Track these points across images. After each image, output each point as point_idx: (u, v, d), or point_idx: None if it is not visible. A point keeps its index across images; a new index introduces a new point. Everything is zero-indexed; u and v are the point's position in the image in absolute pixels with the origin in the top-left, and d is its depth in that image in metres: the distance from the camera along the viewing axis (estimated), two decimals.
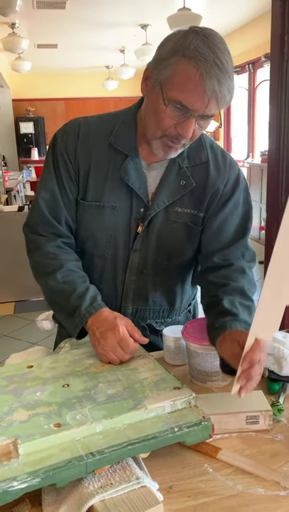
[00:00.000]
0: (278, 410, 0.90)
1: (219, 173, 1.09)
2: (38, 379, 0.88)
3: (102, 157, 1.05)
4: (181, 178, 1.06)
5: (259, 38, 5.79)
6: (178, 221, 1.08)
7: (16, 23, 5.46)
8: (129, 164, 1.04)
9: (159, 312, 1.19)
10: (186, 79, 0.87)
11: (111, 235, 1.08)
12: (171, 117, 0.92)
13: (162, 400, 0.78)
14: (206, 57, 0.86)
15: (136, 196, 1.06)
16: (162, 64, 0.90)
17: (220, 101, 0.90)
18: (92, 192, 1.06)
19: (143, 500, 0.65)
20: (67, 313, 1.00)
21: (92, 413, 0.76)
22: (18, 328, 3.54)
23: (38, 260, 1.07)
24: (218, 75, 0.86)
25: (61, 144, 1.07)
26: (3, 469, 0.64)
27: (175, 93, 0.89)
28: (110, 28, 6.14)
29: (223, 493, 0.71)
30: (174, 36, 0.91)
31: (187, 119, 0.92)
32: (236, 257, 1.09)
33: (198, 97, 0.88)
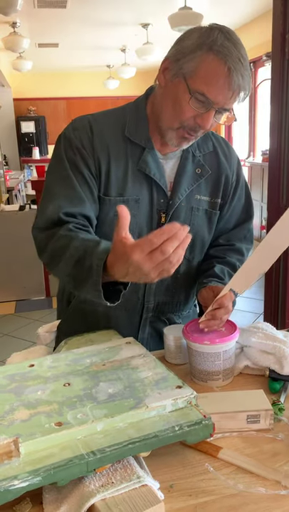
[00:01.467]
0: (279, 409, 0.90)
1: (227, 161, 1.15)
2: (39, 378, 0.88)
3: (119, 151, 1.05)
4: (197, 166, 1.11)
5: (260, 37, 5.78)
6: (199, 208, 1.13)
7: (17, 23, 5.46)
8: (148, 155, 1.05)
9: (177, 305, 1.21)
10: (213, 72, 0.91)
11: (135, 228, 1.07)
12: (193, 109, 0.95)
13: (163, 399, 0.78)
14: (231, 52, 0.90)
15: (156, 187, 1.07)
16: (187, 57, 0.93)
17: (241, 95, 0.95)
18: (115, 187, 1.05)
19: (144, 499, 0.65)
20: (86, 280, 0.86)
21: (93, 412, 0.76)
22: (18, 327, 3.55)
23: (51, 248, 0.97)
24: (242, 71, 0.92)
25: (76, 140, 1.04)
26: (4, 468, 0.65)
27: (200, 85, 0.93)
28: (111, 27, 6.14)
29: (224, 492, 0.71)
30: (197, 31, 0.94)
31: (207, 111, 0.95)
32: (238, 239, 1.20)
33: (222, 90, 0.92)
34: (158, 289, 1.15)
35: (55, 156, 1.07)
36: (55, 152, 1.07)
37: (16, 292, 4.10)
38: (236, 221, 1.21)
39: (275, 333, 1.08)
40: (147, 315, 1.17)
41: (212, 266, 1.14)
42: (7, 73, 8.23)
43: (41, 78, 9.36)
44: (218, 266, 1.13)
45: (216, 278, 1.10)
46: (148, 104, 1.08)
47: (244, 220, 1.22)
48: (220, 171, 1.14)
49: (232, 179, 1.17)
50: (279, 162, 2.47)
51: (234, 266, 1.15)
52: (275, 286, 2.63)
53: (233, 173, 1.17)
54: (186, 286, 1.20)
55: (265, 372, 1.02)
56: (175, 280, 1.16)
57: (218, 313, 0.97)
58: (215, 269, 1.12)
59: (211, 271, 1.12)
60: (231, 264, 1.15)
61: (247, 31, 6.30)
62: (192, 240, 1.03)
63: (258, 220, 5.70)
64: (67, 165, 1.03)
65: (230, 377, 1.03)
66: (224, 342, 0.99)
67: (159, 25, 5.78)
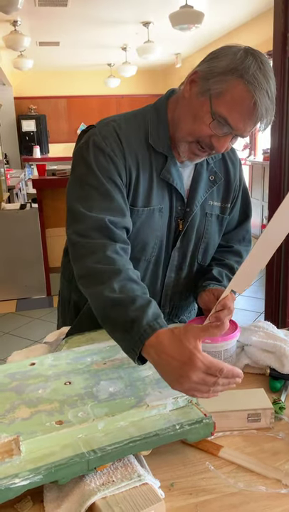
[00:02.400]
0: (280, 408, 0.90)
1: (234, 166, 1.18)
2: (39, 376, 0.89)
3: (145, 160, 1.04)
4: (210, 173, 1.13)
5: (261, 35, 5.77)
6: (212, 214, 1.15)
7: (18, 21, 5.45)
8: (170, 164, 1.05)
9: (188, 308, 1.23)
10: (239, 101, 0.91)
11: (158, 236, 1.08)
12: (207, 131, 0.96)
13: (164, 398, 0.78)
14: (261, 85, 0.90)
15: (176, 195, 1.08)
16: (217, 77, 0.92)
17: (263, 126, 0.95)
18: (142, 197, 1.04)
19: (144, 497, 0.65)
20: (124, 329, 0.82)
21: (93, 410, 0.76)
22: (19, 325, 3.55)
23: (92, 267, 0.91)
24: (268, 104, 0.92)
25: (108, 149, 1.00)
26: (5, 466, 0.65)
27: (224, 110, 0.93)
28: (112, 26, 6.12)
29: (225, 490, 0.71)
30: (231, 52, 0.93)
31: (225, 136, 0.96)
32: (237, 240, 1.23)
33: (244, 120, 0.93)
34: (173, 293, 1.17)
35: (85, 165, 1.01)
36: (84, 159, 1.01)
37: (16, 291, 4.10)
38: (237, 222, 1.24)
39: (275, 332, 1.08)
40: None
41: (210, 269, 1.16)
42: (8, 72, 8.22)
43: (42, 77, 9.35)
44: (216, 269, 1.15)
45: (215, 281, 1.12)
46: (169, 109, 1.07)
47: (243, 220, 1.24)
48: (229, 176, 1.16)
49: (238, 183, 1.19)
50: (280, 161, 2.47)
51: (232, 268, 1.18)
52: (276, 285, 2.63)
53: (239, 178, 1.19)
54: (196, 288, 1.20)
55: (265, 371, 1.02)
56: (188, 284, 1.18)
57: (222, 314, 0.95)
58: (213, 271, 1.14)
59: (210, 274, 1.14)
60: (229, 266, 1.18)
61: (248, 30, 6.29)
62: (206, 244, 1.15)
63: (258, 219, 5.69)
64: (101, 175, 0.99)
65: None
66: (225, 340, 0.99)
67: (160, 24, 5.77)
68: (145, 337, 0.78)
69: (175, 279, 1.15)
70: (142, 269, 1.10)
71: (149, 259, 1.10)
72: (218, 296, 1.02)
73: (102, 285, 0.87)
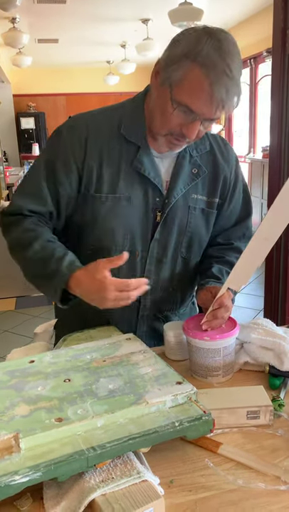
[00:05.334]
0: (279, 405, 0.90)
1: (225, 160, 1.15)
2: (39, 374, 0.89)
3: (114, 149, 1.05)
4: (193, 166, 1.10)
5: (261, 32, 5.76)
6: (196, 207, 1.13)
7: (16, 18, 5.43)
8: (143, 155, 1.05)
9: (174, 303, 1.21)
10: (195, 86, 0.89)
11: (128, 227, 1.08)
12: (177, 119, 0.95)
13: (163, 395, 0.78)
14: (216, 65, 0.87)
15: (151, 186, 1.07)
16: (173, 65, 0.91)
17: (227, 108, 0.92)
18: (107, 185, 1.06)
19: (144, 494, 0.65)
20: (49, 279, 0.97)
21: (93, 408, 0.76)
22: (19, 323, 3.55)
23: (15, 236, 1.05)
24: (227, 84, 0.88)
25: (66, 139, 1.05)
26: (4, 463, 0.65)
27: (183, 97, 0.91)
28: (111, 23, 6.11)
29: (224, 487, 0.71)
30: (186, 36, 0.91)
31: (193, 122, 0.95)
32: (237, 237, 1.22)
33: (206, 104, 0.91)
34: (154, 287, 1.14)
35: (45, 148, 1.12)
36: (47, 144, 1.11)
37: (16, 289, 4.10)
38: (236, 219, 1.22)
39: (275, 329, 1.08)
40: (144, 313, 1.17)
41: (210, 266, 1.15)
42: (6, 69, 8.20)
43: (41, 74, 9.33)
44: (216, 266, 1.14)
45: (214, 278, 1.11)
46: (145, 104, 1.07)
47: (244, 217, 1.23)
48: (217, 170, 1.14)
49: (230, 178, 1.17)
50: (279, 158, 2.46)
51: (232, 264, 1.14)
52: (275, 282, 2.64)
53: (231, 172, 1.17)
54: (183, 285, 1.20)
55: (265, 368, 1.02)
56: (171, 279, 1.16)
57: (219, 312, 0.99)
58: (213, 269, 1.13)
59: (209, 271, 1.13)
60: (230, 263, 1.15)
61: (247, 27, 6.27)
62: (189, 238, 1.13)
63: (258, 216, 5.69)
64: (43, 162, 1.07)
65: (230, 373, 1.03)
66: (224, 338, 0.99)
67: (160, 21, 5.75)
68: (65, 280, 0.94)
69: (155, 273, 1.13)
70: None
71: (121, 249, 1.08)
72: (215, 294, 1.02)
73: (25, 249, 1.01)
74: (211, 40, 0.88)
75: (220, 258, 1.18)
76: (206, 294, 1.06)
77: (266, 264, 2.70)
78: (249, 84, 6.71)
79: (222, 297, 0.99)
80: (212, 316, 0.99)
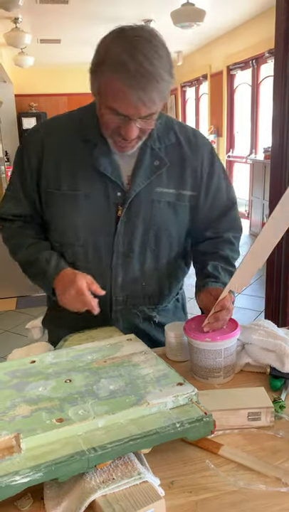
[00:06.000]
0: (280, 407, 0.90)
1: (192, 151, 1.14)
2: (40, 374, 0.89)
3: (72, 149, 1.09)
4: (155, 158, 1.10)
5: (263, 33, 5.76)
6: (161, 200, 1.12)
7: (18, 18, 5.44)
8: (99, 152, 1.08)
9: (150, 298, 1.20)
10: (114, 90, 0.91)
11: (89, 222, 1.10)
12: (113, 122, 0.98)
13: (164, 396, 0.78)
14: (127, 66, 0.88)
15: (110, 181, 1.09)
16: (94, 74, 0.96)
17: (151, 106, 0.93)
18: (65, 182, 1.10)
19: (145, 495, 0.65)
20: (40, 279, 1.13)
21: (94, 408, 0.76)
22: (20, 323, 3.55)
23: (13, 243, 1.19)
24: (142, 83, 0.89)
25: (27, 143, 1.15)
26: (5, 464, 0.65)
27: (109, 102, 0.94)
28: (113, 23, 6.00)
29: (225, 488, 0.71)
30: (100, 44, 0.94)
31: (127, 123, 0.96)
32: (225, 230, 1.20)
33: (128, 106, 0.92)
34: (124, 281, 1.15)
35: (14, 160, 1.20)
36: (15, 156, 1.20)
37: (17, 289, 4.10)
38: (220, 211, 1.20)
39: (276, 330, 1.08)
40: (117, 308, 1.18)
41: (205, 265, 1.14)
42: (8, 69, 8.21)
43: (43, 74, 9.34)
44: (210, 264, 1.13)
45: (211, 277, 1.10)
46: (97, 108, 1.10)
47: (227, 207, 1.21)
48: (184, 162, 1.13)
49: (201, 169, 1.15)
50: (281, 159, 2.46)
51: (227, 258, 1.16)
52: (277, 283, 2.63)
53: (202, 163, 1.15)
54: (155, 279, 1.19)
55: (266, 369, 1.02)
56: (142, 273, 1.16)
57: (221, 315, 1.00)
58: (208, 267, 1.12)
59: (205, 270, 1.12)
60: (224, 257, 1.15)
61: (250, 27, 6.27)
62: (156, 232, 1.13)
63: (259, 217, 5.69)
64: (16, 170, 1.17)
65: (231, 374, 1.03)
66: (225, 339, 0.99)
67: (162, 22, 5.75)
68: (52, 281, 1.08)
69: (123, 266, 1.14)
70: (82, 255, 1.13)
71: (83, 244, 1.12)
72: (216, 296, 1.02)
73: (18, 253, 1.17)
74: (120, 43, 0.90)
75: (213, 253, 1.16)
76: (207, 296, 1.06)
77: (267, 265, 2.70)
78: (251, 85, 6.71)
79: (224, 299, 1.00)
80: (214, 319, 1.00)
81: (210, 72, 7.92)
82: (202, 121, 8.82)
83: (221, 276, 1.11)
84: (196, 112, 9.09)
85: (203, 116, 8.78)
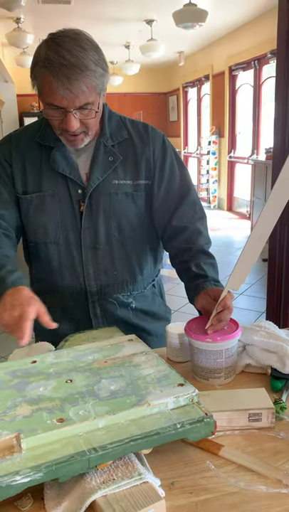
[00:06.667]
0: (281, 408, 0.90)
1: (144, 143, 1.22)
2: (41, 374, 0.89)
3: (33, 155, 1.19)
4: (109, 155, 1.19)
5: (265, 34, 5.76)
6: (118, 192, 1.20)
7: (21, 18, 5.46)
8: (56, 154, 1.16)
9: (123, 286, 1.26)
10: (46, 84, 1.01)
11: (57, 219, 1.18)
12: (53, 117, 1.07)
13: (165, 397, 0.78)
14: (52, 61, 0.99)
15: (70, 180, 1.18)
16: (31, 76, 1.06)
17: (79, 93, 1.01)
18: (31, 186, 1.18)
19: (145, 496, 0.65)
20: None
21: (95, 409, 0.76)
22: None
23: None
24: (66, 72, 0.99)
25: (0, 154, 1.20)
26: (5, 463, 0.65)
27: (45, 97, 1.04)
28: (115, 24, 6.12)
29: (225, 490, 0.71)
30: (36, 49, 1.06)
31: (66, 116, 1.05)
32: (190, 217, 1.24)
33: (58, 96, 1.01)
34: (96, 273, 1.22)
35: None
36: None
37: None
38: (177, 196, 1.24)
39: (277, 331, 1.08)
40: (93, 298, 1.24)
41: (188, 265, 1.17)
42: (10, 69, 8.22)
43: None
44: (192, 263, 1.17)
45: (200, 278, 1.13)
46: None
47: (185, 192, 1.25)
48: (136, 154, 1.21)
49: (154, 159, 1.22)
50: (283, 160, 2.46)
51: (203, 251, 1.20)
52: (278, 284, 2.63)
53: (154, 153, 1.22)
54: (126, 266, 1.25)
55: (267, 370, 1.02)
56: (111, 262, 1.23)
57: (223, 315, 1.01)
58: (192, 268, 1.15)
59: (190, 272, 1.16)
60: (201, 251, 1.20)
61: (252, 28, 6.27)
62: (118, 222, 1.21)
63: None
64: None
65: (232, 375, 1.03)
66: (226, 340, 0.99)
67: (164, 22, 5.76)
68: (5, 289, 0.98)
69: (92, 259, 1.21)
70: (54, 251, 1.21)
71: (56, 241, 1.20)
72: (214, 297, 1.04)
73: None
74: (48, 44, 1.02)
75: (189, 250, 1.20)
76: (206, 297, 1.07)
77: (269, 266, 2.70)
78: (253, 85, 6.71)
79: (225, 299, 1.01)
80: (216, 320, 1.01)
81: (212, 72, 7.92)
82: (204, 122, 8.83)
83: (207, 272, 1.14)
84: (198, 112, 9.09)
85: (205, 116, 8.78)
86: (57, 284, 1.23)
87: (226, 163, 7.71)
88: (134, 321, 1.29)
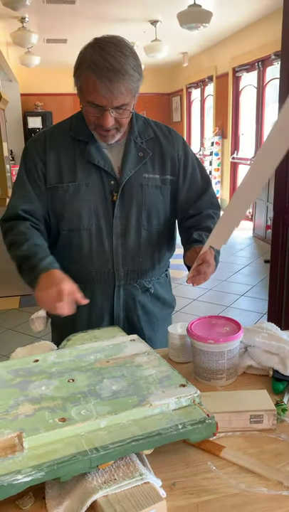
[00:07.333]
0: (282, 410, 0.90)
1: (169, 142, 1.35)
2: (43, 373, 0.89)
3: (68, 148, 1.28)
4: (139, 150, 1.30)
5: (269, 35, 5.75)
6: (149, 184, 1.31)
7: (25, 18, 5.45)
8: (91, 147, 1.26)
9: (145, 272, 1.36)
10: (89, 84, 1.13)
11: (91, 207, 1.27)
12: (91, 114, 1.18)
13: (167, 397, 0.78)
14: (97, 64, 1.10)
15: (104, 172, 1.27)
16: (75, 75, 1.18)
17: (118, 95, 1.12)
18: (66, 176, 1.27)
19: (146, 496, 0.65)
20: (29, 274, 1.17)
21: (96, 408, 0.76)
22: (23, 322, 3.56)
23: (11, 238, 1.25)
24: (109, 75, 1.10)
25: (32, 149, 1.30)
26: (7, 462, 0.65)
27: (87, 96, 1.15)
28: (120, 24, 6.12)
29: (226, 491, 0.71)
30: (82, 50, 1.18)
31: (103, 113, 1.16)
32: (206, 207, 1.39)
33: (99, 96, 1.12)
34: (124, 259, 1.31)
35: (20, 161, 1.33)
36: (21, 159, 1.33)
37: (20, 287, 4.10)
38: (199, 191, 1.39)
39: (279, 333, 1.08)
40: (120, 283, 1.33)
41: (191, 234, 1.32)
42: (15, 68, 8.23)
43: (49, 74, 9.35)
44: (195, 232, 1.31)
45: (197, 242, 1.27)
46: None
47: (205, 188, 1.40)
48: (163, 152, 1.33)
49: (178, 157, 1.35)
50: (286, 162, 2.46)
51: (209, 228, 1.31)
52: (280, 286, 2.63)
53: (177, 152, 1.35)
54: (150, 254, 1.35)
55: (268, 372, 1.02)
56: (138, 249, 1.32)
57: (202, 267, 1.15)
58: (194, 235, 1.30)
59: (191, 238, 1.30)
60: (206, 227, 1.32)
61: (256, 29, 6.27)
62: (148, 212, 1.33)
63: (263, 219, 5.68)
64: (23, 171, 1.30)
65: (234, 376, 1.03)
66: (228, 341, 0.99)
67: (168, 23, 5.76)
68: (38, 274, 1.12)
69: (122, 246, 1.30)
70: (87, 239, 1.29)
71: (88, 228, 1.28)
72: (198, 252, 1.18)
73: (17, 249, 1.21)
74: (94, 48, 1.13)
75: (196, 226, 1.34)
76: (192, 253, 1.23)
77: (271, 267, 2.69)
78: (256, 87, 6.70)
79: (205, 253, 1.15)
80: (196, 271, 1.15)
81: (216, 73, 7.92)
82: (207, 123, 8.82)
83: (204, 240, 1.25)
84: (201, 113, 9.08)
85: (208, 117, 8.78)
86: (86, 269, 1.31)
87: (228, 165, 7.70)
88: (150, 306, 1.38)
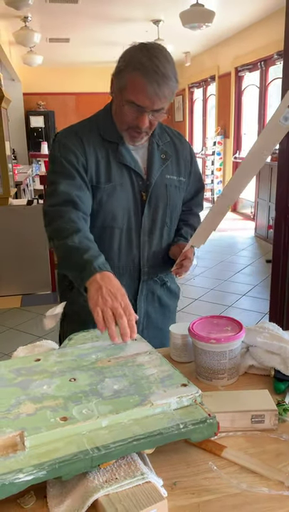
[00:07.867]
0: (284, 410, 0.90)
1: (181, 147, 1.44)
2: (45, 372, 0.89)
3: (101, 149, 1.30)
4: (161, 152, 1.38)
5: (272, 35, 5.74)
6: (171, 184, 1.39)
7: (28, 17, 5.46)
8: (122, 149, 1.30)
9: (164, 266, 1.43)
10: (135, 85, 1.17)
11: (124, 207, 1.32)
12: (130, 114, 1.21)
13: (168, 397, 0.79)
14: (147, 67, 1.14)
15: (134, 172, 1.32)
16: (120, 74, 1.21)
17: (162, 98, 1.17)
18: (103, 177, 1.30)
19: (147, 495, 0.65)
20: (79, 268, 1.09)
21: (98, 408, 0.76)
22: (24, 321, 3.56)
23: (60, 226, 1.19)
24: (157, 79, 1.15)
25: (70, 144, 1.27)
26: (9, 461, 0.65)
27: (130, 96, 1.18)
28: (122, 23, 6.12)
29: (227, 491, 0.71)
30: (127, 52, 1.21)
31: (142, 114, 1.20)
32: (195, 205, 1.54)
33: (144, 97, 1.17)
34: (149, 255, 1.38)
35: (54, 159, 1.29)
36: (54, 156, 1.29)
37: (22, 286, 4.11)
38: (194, 192, 1.52)
39: (281, 333, 1.08)
40: (144, 278, 1.40)
41: (180, 228, 1.46)
42: (17, 67, 8.24)
43: (51, 73, 9.36)
44: (184, 229, 1.45)
45: (183, 238, 1.42)
46: (112, 109, 1.32)
47: (199, 189, 1.54)
48: (178, 154, 1.42)
49: (187, 159, 1.45)
50: (288, 162, 2.45)
51: (193, 227, 1.46)
52: (282, 286, 2.63)
53: (187, 156, 1.45)
54: (168, 249, 1.43)
55: (270, 372, 1.02)
56: (161, 246, 1.41)
57: (185, 262, 1.30)
58: (182, 231, 1.45)
59: (180, 232, 1.45)
60: (192, 226, 1.47)
61: (259, 29, 6.26)
62: (171, 211, 1.42)
63: (265, 219, 5.67)
64: (64, 162, 1.26)
65: (236, 376, 1.03)
66: (230, 341, 0.99)
67: (171, 22, 5.75)
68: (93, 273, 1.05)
69: (148, 242, 1.38)
70: (118, 236, 1.34)
71: (121, 226, 1.33)
72: (182, 248, 1.31)
73: (66, 238, 1.15)
74: (143, 51, 1.17)
75: (185, 221, 1.48)
76: (177, 248, 1.36)
77: (272, 267, 2.69)
78: (259, 86, 6.69)
79: (187, 252, 1.29)
80: (180, 265, 1.31)
81: (218, 73, 7.91)
82: (209, 122, 8.81)
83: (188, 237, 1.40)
84: (204, 112, 9.08)
85: (210, 117, 8.77)
86: (113, 264, 1.32)
87: (230, 164, 7.70)
88: (165, 299, 1.47)
